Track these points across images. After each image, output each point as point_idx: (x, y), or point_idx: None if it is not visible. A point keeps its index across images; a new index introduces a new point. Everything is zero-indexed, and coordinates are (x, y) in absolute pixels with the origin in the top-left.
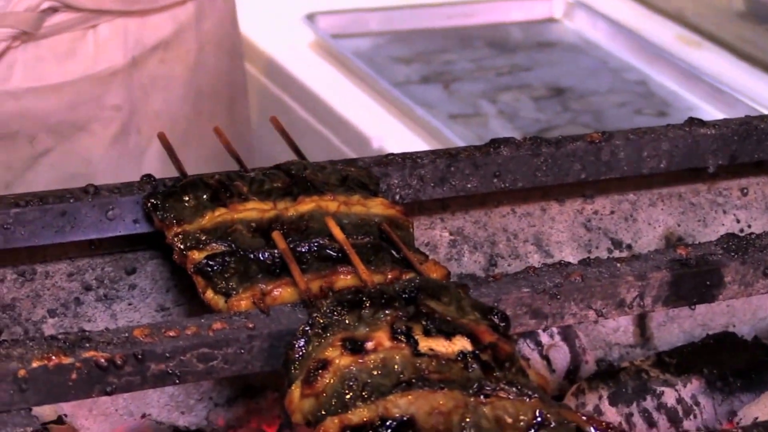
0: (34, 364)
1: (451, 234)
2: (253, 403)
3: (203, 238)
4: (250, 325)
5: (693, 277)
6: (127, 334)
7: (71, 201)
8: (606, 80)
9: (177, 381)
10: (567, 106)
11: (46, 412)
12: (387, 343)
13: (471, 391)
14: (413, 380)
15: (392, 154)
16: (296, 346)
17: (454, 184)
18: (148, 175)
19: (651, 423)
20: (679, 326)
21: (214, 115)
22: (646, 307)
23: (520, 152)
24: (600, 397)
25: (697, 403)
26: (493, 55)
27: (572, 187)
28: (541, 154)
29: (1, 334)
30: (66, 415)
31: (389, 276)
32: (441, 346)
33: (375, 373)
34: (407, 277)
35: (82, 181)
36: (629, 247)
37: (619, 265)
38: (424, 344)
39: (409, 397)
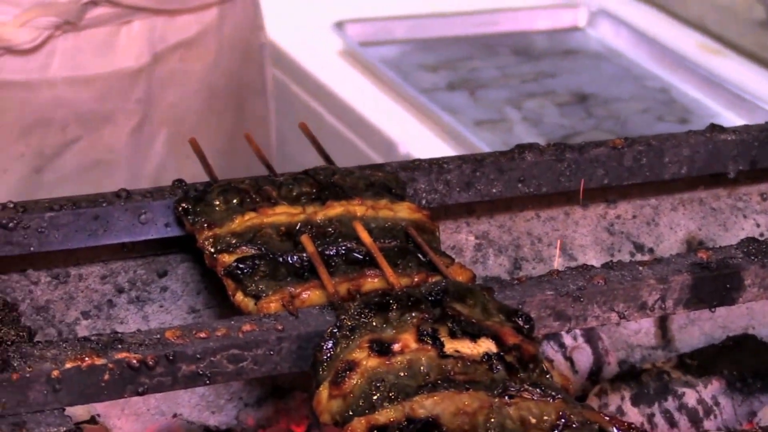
0: (68, 365)
1: (476, 238)
2: (281, 403)
3: (233, 241)
4: (279, 327)
5: (713, 280)
6: (158, 336)
7: (104, 205)
8: (629, 87)
9: (207, 382)
10: (590, 112)
11: (79, 412)
12: (413, 345)
13: (496, 392)
14: (439, 381)
15: (419, 160)
16: (324, 347)
17: (479, 189)
18: (180, 180)
19: (672, 423)
20: (699, 328)
21: (224, 114)
22: (668, 309)
23: (545, 158)
24: (622, 398)
25: (718, 404)
26: (518, 63)
27: (596, 192)
28: (565, 159)
29: (36, 336)
30: (99, 415)
31: (416, 279)
32: (466, 347)
33: (401, 374)
34: (433, 280)
35: (105, 167)
36: (651, 250)
37: (641, 268)
38: (450, 346)
39: (435, 398)
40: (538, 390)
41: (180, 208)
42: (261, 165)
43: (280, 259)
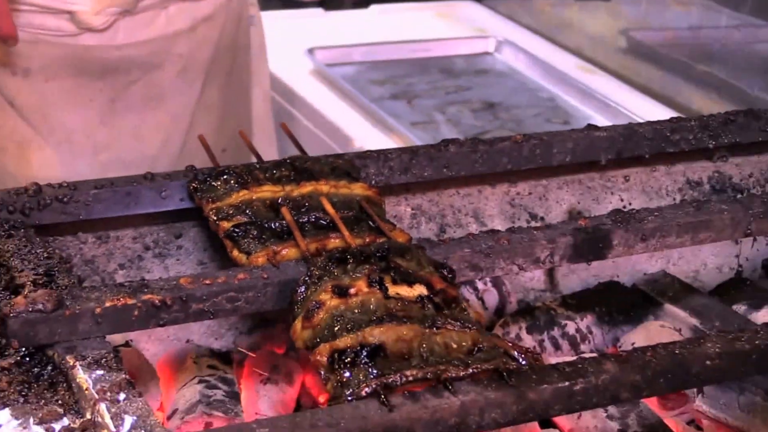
0: (107, 304)
1: (412, 209)
2: (267, 331)
3: (230, 212)
4: (265, 276)
5: (589, 241)
6: (175, 282)
7: (134, 185)
8: (525, 97)
9: (211, 316)
10: (497, 116)
11: (116, 338)
12: (365, 289)
13: (426, 325)
14: (384, 317)
15: (369, 151)
16: (298, 291)
17: (414, 173)
18: (191, 166)
19: (557, 347)
20: (578, 276)
21: (225, 63)
22: (555, 263)
23: (463, 149)
24: (520, 328)
25: (591, 332)
26: (443, 79)
27: (501, 175)
28: (478, 150)
29: (84, 282)
30: (131, 341)
31: (367, 240)
32: (405, 291)
33: (356, 311)
34: (380, 240)
35: (157, 100)
36: (542, 219)
37: (535, 232)
38: (393, 290)
39: (381, 328)
40: (458, 323)
41: (191, 187)
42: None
43: (266, 225)
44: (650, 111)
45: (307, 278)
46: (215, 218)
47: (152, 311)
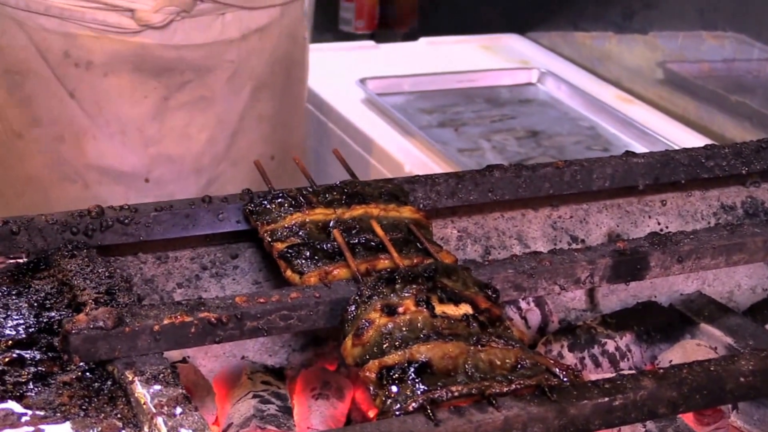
0: (165, 322)
1: (458, 232)
2: (319, 349)
3: (284, 233)
4: (317, 295)
5: (627, 262)
6: (231, 301)
7: (192, 207)
8: (566, 126)
9: (265, 334)
10: (539, 143)
11: (173, 355)
12: (412, 308)
13: (471, 342)
14: (430, 334)
15: (418, 176)
16: (349, 310)
17: (461, 197)
18: (247, 189)
19: (597, 364)
20: (617, 297)
21: (279, 76)
22: (595, 283)
23: (507, 175)
24: (562, 346)
25: (630, 350)
26: (489, 108)
27: (543, 200)
28: (522, 176)
29: (143, 301)
30: (188, 357)
31: (415, 261)
32: (451, 310)
33: (404, 329)
34: (427, 261)
35: (207, 101)
36: (583, 241)
37: (576, 253)
38: (439, 309)
39: (428, 346)
40: (502, 341)
41: (247, 210)
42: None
43: (318, 246)
44: (686, 139)
45: (357, 297)
46: (270, 239)
47: (208, 328)
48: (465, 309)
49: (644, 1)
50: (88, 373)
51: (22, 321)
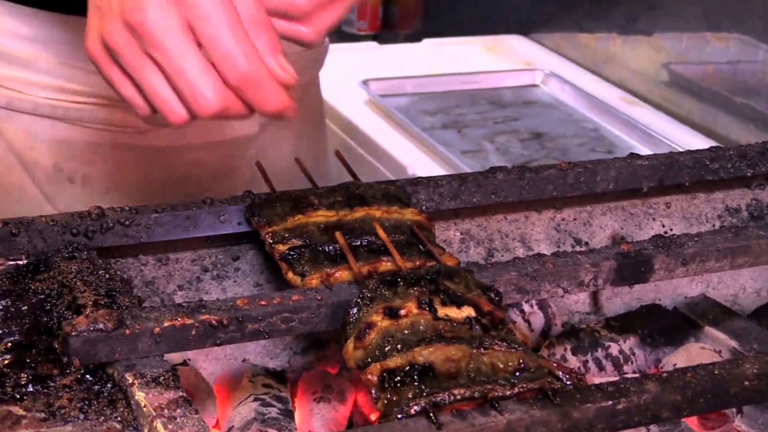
0: (166, 324)
1: (461, 234)
2: (321, 352)
3: (286, 235)
4: (319, 297)
5: (631, 265)
6: (232, 303)
7: (194, 209)
8: (570, 128)
9: (266, 336)
10: (543, 145)
11: (174, 357)
12: (415, 311)
13: (474, 345)
14: (433, 337)
15: (420, 177)
16: (351, 312)
17: (464, 199)
18: (248, 191)
19: (601, 367)
20: (621, 299)
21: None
22: (599, 286)
23: (510, 176)
24: (565, 350)
25: (633, 354)
26: (492, 110)
27: (547, 202)
28: (525, 178)
29: (144, 303)
30: (189, 359)
31: (417, 263)
32: (453, 312)
33: (406, 332)
34: (430, 264)
35: None
36: (587, 243)
37: (579, 256)
38: (441, 311)
39: (430, 349)
40: (504, 344)
41: (249, 212)
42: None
43: (320, 249)
44: (690, 141)
45: (359, 300)
46: (271, 242)
47: (209, 331)
48: (467, 312)
49: (648, 2)
50: (87, 376)
51: (21, 323)
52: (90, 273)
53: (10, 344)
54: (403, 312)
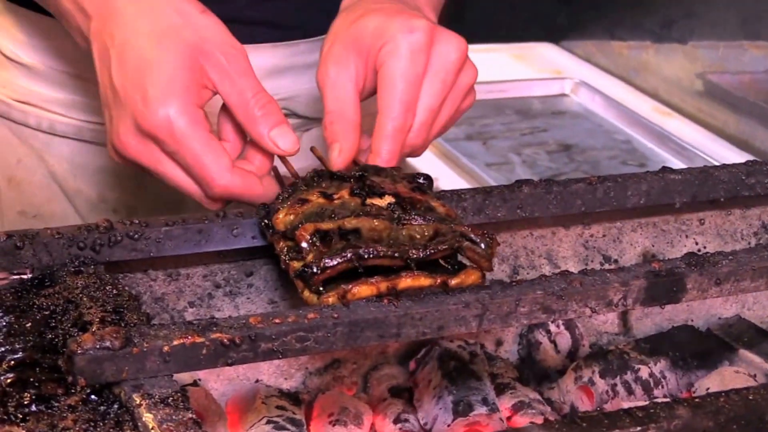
0: (175, 342)
1: None
2: (337, 372)
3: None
4: (335, 316)
5: (663, 284)
6: (244, 321)
7: (206, 222)
8: (601, 140)
9: (280, 356)
10: (572, 158)
11: (184, 377)
12: (347, 197)
13: (394, 222)
14: (360, 213)
15: (444, 191)
16: (285, 190)
17: (488, 213)
18: (264, 204)
19: (630, 391)
20: (651, 320)
21: None
22: (628, 305)
23: (537, 190)
24: (593, 372)
25: (664, 377)
26: (519, 120)
27: (575, 217)
28: (552, 192)
29: (153, 320)
30: (200, 380)
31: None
32: (378, 201)
33: (338, 208)
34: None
35: None
36: (616, 261)
37: (608, 274)
38: (369, 201)
39: (358, 219)
40: (420, 218)
41: (263, 225)
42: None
43: None
44: (726, 154)
45: (295, 182)
46: (286, 257)
47: (221, 350)
48: (389, 200)
49: (684, 9)
50: (93, 396)
51: (25, 340)
52: (97, 288)
53: (13, 362)
54: (336, 196)
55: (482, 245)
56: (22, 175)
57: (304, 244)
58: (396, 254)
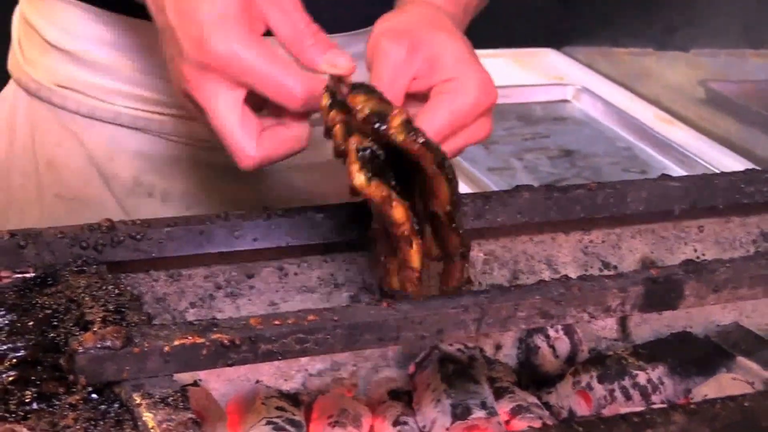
0: (176, 342)
1: (485, 254)
2: (336, 374)
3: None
4: (335, 318)
5: (661, 290)
6: (244, 322)
7: (208, 224)
8: (602, 146)
9: (280, 358)
10: (573, 164)
11: (184, 377)
12: None
13: None
14: None
15: None
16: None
17: (488, 218)
18: (265, 207)
19: (628, 397)
20: (650, 326)
21: None
22: (626, 311)
23: (537, 196)
24: (591, 377)
25: (662, 383)
26: (521, 126)
27: (575, 223)
28: (552, 198)
29: (155, 320)
30: (200, 380)
31: None
32: None
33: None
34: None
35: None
36: (615, 267)
37: (607, 280)
38: None
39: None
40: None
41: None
42: None
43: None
44: (728, 162)
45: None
46: (345, 132)
47: (221, 351)
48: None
49: (686, 17)
50: (94, 395)
51: (27, 338)
52: (99, 288)
53: (15, 360)
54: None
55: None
56: (61, 158)
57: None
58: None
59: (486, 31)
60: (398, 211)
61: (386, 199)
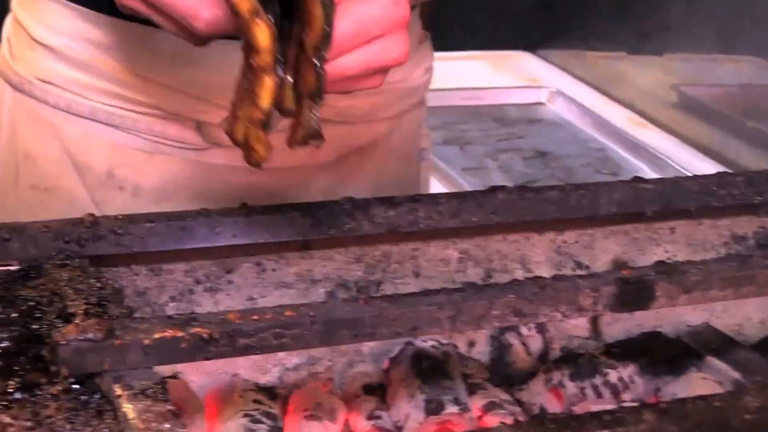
0: (156, 336)
1: (459, 253)
2: (312, 368)
3: None
4: (312, 314)
5: (633, 291)
6: (223, 317)
7: (188, 220)
8: (575, 148)
9: (258, 352)
10: (547, 165)
11: (164, 370)
12: None
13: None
14: None
15: (420, 195)
16: None
17: (463, 218)
18: (245, 203)
19: (599, 394)
20: (621, 325)
21: None
22: (598, 311)
23: (511, 196)
24: (563, 375)
25: (633, 382)
26: (496, 127)
27: (548, 223)
28: (526, 198)
29: (135, 313)
30: (179, 372)
31: None
32: None
33: None
34: None
35: None
36: (587, 267)
37: (579, 280)
38: None
39: None
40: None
41: None
42: None
43: None
44: (700, 165)
45: None
46: None
47: (200, 344)
48: None
49: (660, 22)
50: (76, 386)
51: (10, 330)
52: (81, 281)
53: None
54: None
55: None
56: (39, 150)
57: None
58: None
59: (462, 33)
60: (263, 34)
61: (252, 13)
